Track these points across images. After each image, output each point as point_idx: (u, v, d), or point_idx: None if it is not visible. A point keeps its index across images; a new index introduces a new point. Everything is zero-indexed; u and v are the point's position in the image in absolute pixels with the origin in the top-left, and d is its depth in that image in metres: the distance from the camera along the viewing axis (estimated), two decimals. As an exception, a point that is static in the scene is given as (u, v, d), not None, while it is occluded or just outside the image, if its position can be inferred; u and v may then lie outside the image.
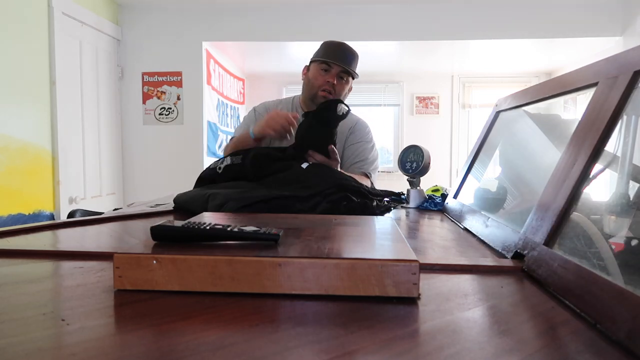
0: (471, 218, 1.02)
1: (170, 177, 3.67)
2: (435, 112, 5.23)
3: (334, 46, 1.66)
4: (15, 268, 0.63)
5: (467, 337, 0.41)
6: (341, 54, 1.63)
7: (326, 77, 1.61)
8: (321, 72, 1.62)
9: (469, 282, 0.59)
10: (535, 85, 1.08)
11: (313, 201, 1.09)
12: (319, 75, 1.62)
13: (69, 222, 0.99)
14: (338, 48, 1.65)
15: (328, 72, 1.61)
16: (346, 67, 1.61)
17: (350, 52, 1.66)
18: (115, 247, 0.81)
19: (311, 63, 1.69)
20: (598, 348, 0.39)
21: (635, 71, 0.61)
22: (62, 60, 2.84)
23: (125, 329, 0.43)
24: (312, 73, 1.66)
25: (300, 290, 0.50)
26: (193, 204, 1.15)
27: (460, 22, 3.66)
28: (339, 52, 1.64)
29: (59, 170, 2.81)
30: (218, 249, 0.55)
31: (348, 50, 1.66)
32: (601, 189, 0.72)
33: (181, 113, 3.75)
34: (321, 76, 1.62)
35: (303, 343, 0.39)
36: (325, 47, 1.67)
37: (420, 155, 1.47)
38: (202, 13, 3.71)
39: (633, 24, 3.41)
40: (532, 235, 0.66)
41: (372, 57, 4.20)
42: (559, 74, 1.92)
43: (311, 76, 1.66)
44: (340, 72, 1.62)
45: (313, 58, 1.68)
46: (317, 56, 1.66)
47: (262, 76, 5.21)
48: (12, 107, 2.48)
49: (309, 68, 1.70)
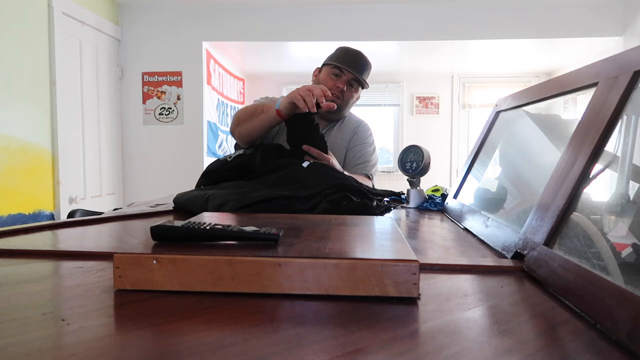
0: (471, 218, 1.02)
1: (170, 177, 3.68)
2: (435, 112, 5.23)
3: (349, 53, 1.64)
4: (15, 268, 0.63)
5: (467, 337, 0.41)
6: (355, 61, 1.62)
7: (336, 82, 1.60)
8: (332, 77, 1.61)
9: (469, 282, 0.59)
10: (535, 85, 1.08)
11: (313, 201, 1.09)
12: (329, 79, 1.62)
13: (69, 222, 0.99)
14: (352, 55, 1.64)
15: (339, 78, 1.61)
16: (358, 75, 1.60)
17: (364, 61, 1.65)
18: (115, 247, 0.81)
19: (323, 66, 1.68)
20: (598, 348, 0.39)
21: (635, 71, 0.61)
22: (62, 60, 2.84)
23: (125, 329, 0.43)
24: (322, 76, 1.65)
25: (300, 290, 0.50)
26: (193, 204, 1.15)
27: (460, 22, 3.66)
28: (353, 59, 1.62)
29: (59, 170, 2.81)
30: (218, 249, 0.55)
31: (362, 59, 1.64)
32: (601, 189, 0.72)
33: (181, 113, 3.75)
34: (331, 80, 1.61)
35: (303, 343, 0.39)
36: (340, 52, 1.65)
37: (420, 155, 1.47)
38: (202, 13, 3.71)
39: (633, 24, 3.41)
40: (532, 235, 0.66)
41: (372, 57, 4.14)
42: (559, 74, 1.92)
43: (322, 78, 1.65)
44: (351, 80, 1.61)
45: (326, 61, 1.67)
46: (330, 60, 1.65)
47: (262, 76, 5.21)
48: (12, 107, 2.48)
49: (320, 70, 1.69)
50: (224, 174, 1.32)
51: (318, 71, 1.70)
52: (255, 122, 1.44)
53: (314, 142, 1.38)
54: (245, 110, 1.52)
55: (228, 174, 1.32)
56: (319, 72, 1.69)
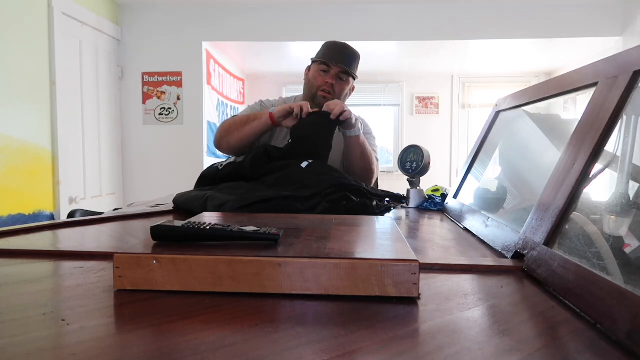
0: (471, 218, 1.02)
1: (170, 177, 3.68)
2: (435, 112, 5.23)
3: (334, 47, 1.66)
4: (15, 268, 0.63)
5: (467, 337, 0.41)
6: (341, 54, 1.63)
7: (325, 77, 1.61)
8: (320, 73, 1.63)
9: (469, 282, 0.59)
10: (535, 85, 1.08)
11: (313, 201, 1.09)
12: (319, 76, 1.63)
13: (69, 222, 0.99)
14: (338, 48, 1.65)
15: (327, 73, 1.62)
16: (345, 67, 1.61)
17: (351, 52, 1.66)
18: (115, 247, 0.81)
19: (312, 63, 1.69)
20: (598, 348, 0.39)
21: (635, 71, 0.61)
22: (62, 60, 2.84)
23: (125, 329, 0.43)
24: (312, 73, 1.66)
25: (300, 290, 0.50)
26: (192, 204, 1.15)
27: (460, 22, 3.66)
28: (338, 52, 1.64)
29: (59, 170, 2.81)
30: (218, 249, 0.55)
31: (348, 50, 1.66)
32: (601, 189, 0.72)
33: (181, 113, 3.75)
34: (320, 77, 1.62)
35: (303, 343, 0.39)
36: (326, 48, 1.67)
37: (420, 155, 1.47)
38: (202, 13, 3.71)
39: (633, 24, 3.41)
40: (532, 235, 0.66)
41: (372, 57, 4.19)
42: (559, 74, 1.92)
43: (311, 76, 1.66)
44: (339, 73, 1.62)
45: (313, 58, 1.68)
46: (317, 57, 1.67)
47: (262, 76, 5.21)
48: (12, 107, 2.48)
49: (310, 68, 1.70)
50: (217, 182, 1.32)
51: (308, 70, 1.71)
52: (247, 130, 1.49)
53: (323, 139, 1.39)
54: (235, 120, 1.58)
55: (220, 182, 1.32)
56: (308, 70, 1.70)
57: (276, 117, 1.43)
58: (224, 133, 1.56)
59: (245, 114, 1.61)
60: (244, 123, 1.51)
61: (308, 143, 1.35)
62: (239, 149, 1.54)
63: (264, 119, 1.45)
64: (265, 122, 1.45)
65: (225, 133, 1.55)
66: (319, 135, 1.38)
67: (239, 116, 1.60)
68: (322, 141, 1.38)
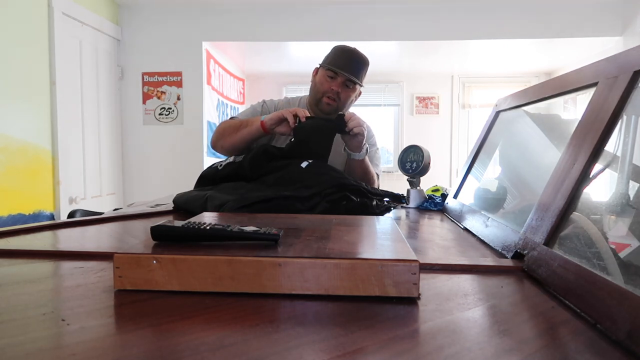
0: (471, 218, 1.02)
1: (170, 177, 3.68)
2: (435, 112, 5.23)
3: (343, 53, 1.63)
4: (15, 268, 0.63)
5: (467, 337, 0.41)
6: (349, 62, 1.61)
7: (332, 84, 1.60)
8: (327, 79, 1.62)
9: (469, 282, 0.59)
10: (535, 85, 1.08)
11: (313, 201, 1.09)
12: (325, 81, 1.62)
13: (69, 222, 0.99)
14: (347, 56, 1.63)
15: (334, 80, 1.60)
16: (352, 77, 1.59)
17: (360, 60, 1.64)
18: (115, 247, 0.81)
19: (320, 67, 1.68)
20: (598, 348, 0.39)
21: (635, 71, 0.61)
22: (62, 60, 2.84)
23: (125, 329, 0.43)
24: (318, 78, 1.65)
25: (300, 290, 0.50)
26: (192, 204, 1.15)
27: (460, 22, 3.66)
28: (347, 60, 1.62)
29: (59, 170, 2.81)
30: (218, 249, 0.55)
31: (357, 58, 1.63)
32: (601, 189, 0.72)
33: (181, 113, 3.75)
34: (327, 82, 1.61)
35: (303, 343, 0.39)
36: (335, 54, 1.64)
37: (420, 155, 1.47)
38: (202, 13, 3.71)
39: (633, 24, 3.41)
40: (532, 235, 0.66)
41: (372, 57, 4.12)
42: (559, 74, 1.92)
43: (317, 80, 1.65)
44: (346, 81, 1.61)
45: (322, 63, 1.67)
46: (325, 61, 1.65)
47: (262, 76, 5.21)
48: (12, 107, 2.48)
49: (317, 70, 1.69)
50: (217, 182, 1.33)
51: (315, 72, 1.70)
52: (239, 136, 1.50)
53: (326, 141, 1.39)
54: (229, 124, 1.58)
55: (220, 182, 1.32)
56: (316, 73, 1.70)
57: (268, 125, 1.43)
58: (219, 136, 1.57)
59: (240, 119, 1.61)
60: (236, 128, 1.51)
61: (311, 144, 1.36)
62: (233, 153, 1.56)
63: (255, 126, 1.46)
64: (257, 129, 1.46)
65: (220, 136, 1.57)
66: (322, 137, 1.38)
67: (234, 120, 1.61)
68: (324, 143, 1.38)
